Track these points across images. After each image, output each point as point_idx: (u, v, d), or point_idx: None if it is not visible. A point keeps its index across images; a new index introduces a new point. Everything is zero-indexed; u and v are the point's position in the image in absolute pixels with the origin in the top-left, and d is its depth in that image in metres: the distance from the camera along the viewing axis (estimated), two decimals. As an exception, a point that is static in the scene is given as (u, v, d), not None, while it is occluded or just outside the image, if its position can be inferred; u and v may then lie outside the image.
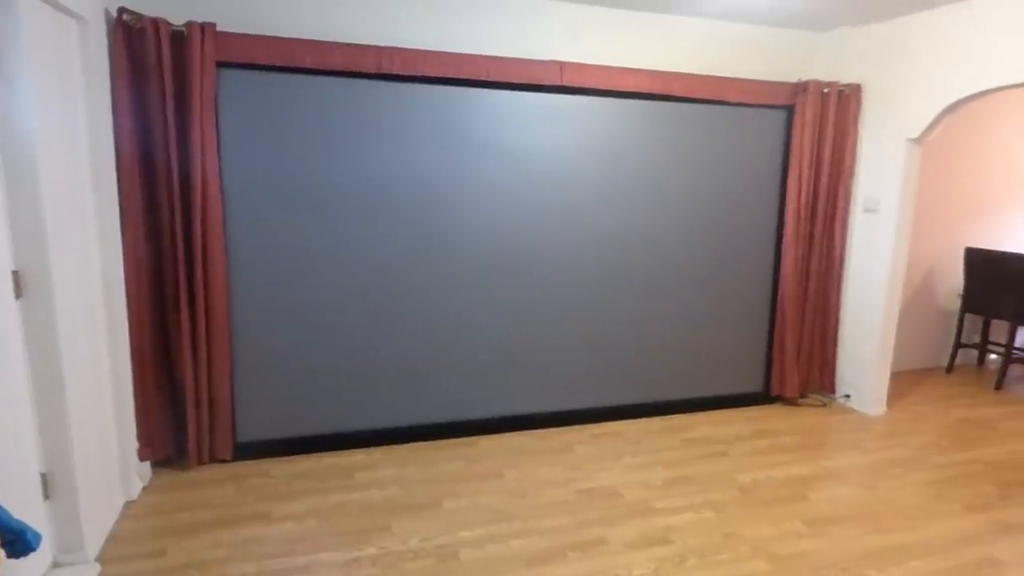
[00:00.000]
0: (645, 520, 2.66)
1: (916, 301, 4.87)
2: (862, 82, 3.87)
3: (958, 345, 4.87)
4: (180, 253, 2.84)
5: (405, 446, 3.34)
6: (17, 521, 1.38)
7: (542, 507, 2.75)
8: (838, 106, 3.87)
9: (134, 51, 2.64)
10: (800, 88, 3.81)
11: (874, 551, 2.48)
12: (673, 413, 3.88)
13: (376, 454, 3.24)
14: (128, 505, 2.71)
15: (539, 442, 3.44)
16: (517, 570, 2.31)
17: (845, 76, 3.90)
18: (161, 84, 2.69)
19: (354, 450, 3.27)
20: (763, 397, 4.13)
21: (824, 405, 4.10)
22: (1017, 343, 4.61)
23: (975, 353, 5.10)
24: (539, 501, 2.80)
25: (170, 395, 3.01)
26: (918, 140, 3.66)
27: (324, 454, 3.22)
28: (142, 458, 2.89)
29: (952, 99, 3.40)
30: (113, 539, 2.46)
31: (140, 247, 2.77)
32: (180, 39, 2.71)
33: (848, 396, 4.10)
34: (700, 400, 3.98)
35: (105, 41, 2.55)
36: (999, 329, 4.88)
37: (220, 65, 2.81)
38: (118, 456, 2.68)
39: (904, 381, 4.55)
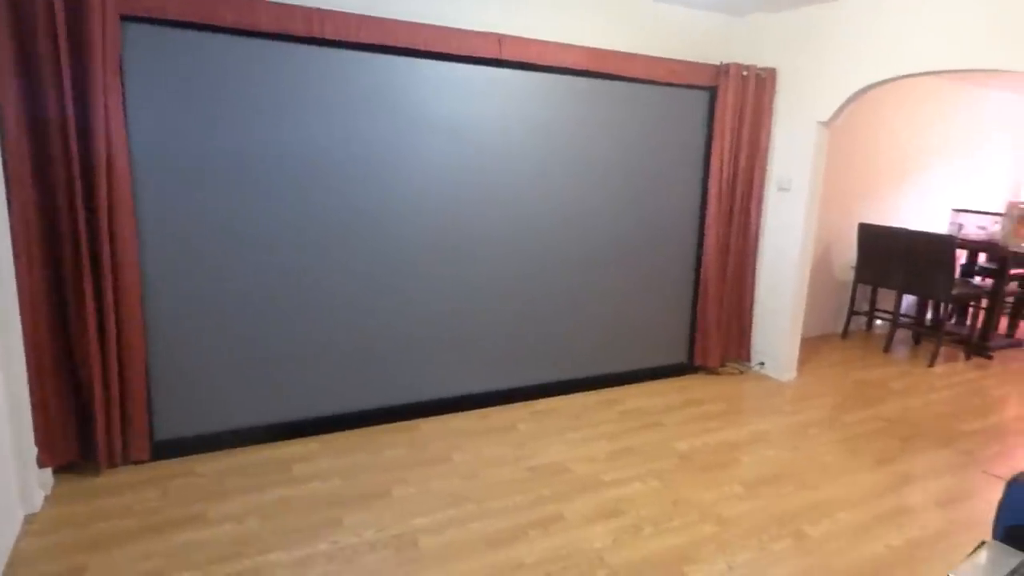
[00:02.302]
0: (596, 493, 2.71)
1: (815, 273, 5.27)
2: (777, 67, 4.08)
3: (851, 313, 5.34)
4: (82, 236, 2.50)
5: (342, 434, 3.20)
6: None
7: (495, 487, 2.73)
8: (756, 89, 4.05)
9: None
10: (723, 70, 3.95)
11: (805, 507, 2.68)
12: (606, 387, 3.98)
13: (312, 444, 3.08)
14: (30, 519, 2.40)
15: (481, 422, 3.41)
16: (480, 553, 2.28)
17: (761, 60, 4.10)
18: (53, 38, 2.32)
19: (288, 441, 3.09)
20: (687, 368, 4.33)
21: (741, 373, 4.37)
22: (902, 310, 5.12)
23: (864, 320, 5.62)
24: (491, 481, 2.78)
25: (73, 393, 2.68)
26: (827, 123, 3.92)
27: (255, 447, 3.02)
28: (42, 464, 2.56)
29: (859, 85, 3.66)
30: (17, 560, 2.17)
31: (32, 230, 2.42)
32: (75, -14, 2.36)
33: (763, 364, 4.39)
34: (631, 373, 4.11)
35: (-19, -16, 2.17)
36: (884, 298, 5.40)
37: (125, 19, 2.48)
38: (14, 465, 2.36)
39: (806, 348, 4.93)
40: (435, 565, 2.21)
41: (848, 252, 5.44)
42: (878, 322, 5.68)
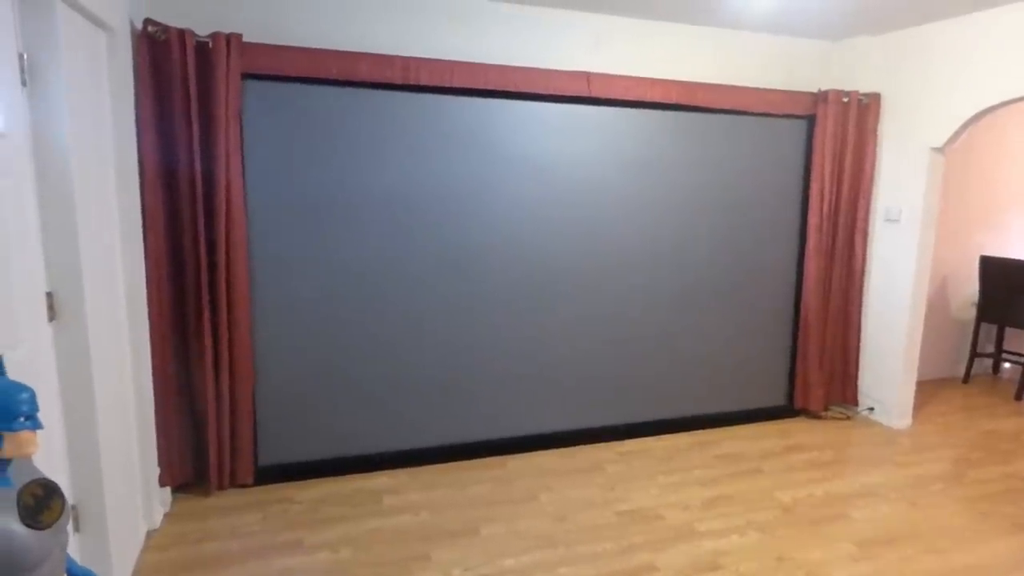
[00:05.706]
0: (691, 544, 2.57)
1: (930, 310, 4.83)
2: (881, 91, 3.86)
3: (974, 354, 4.86)
4: (203, 271, 2.73)
5: (430, 467, 3.24)
6: (82, 568, 1.30)
7: (583, 531, 2.66)
8: (858, 116, 3.85)
9: (159, 63, 2.55)
10: (820, 98, 3.79)
11: (933, 574, 2.41)
12: (698, 428, 3.81)
13: (402, 476, 3.14)
14: (151, 534, 2.59)
15: (567, 461, 3.35)
16: (568, 600, 2.22)
17: (862, 85, 3.88)
18: (186, 96, 2.60)
19: (378, 472, 3.17)
20: (786, 410, 4.08)
21: (848, 418, 4.06)
22: (1035, 352, 4.61)
23: (989, 362, 5.09)
24: (579, 525, 2.71)
25: (190, 418, 2.89)
26: (941, 149, 3.65)
27: (348, 477, 3.11)
28: (163, 484, 2.77)
29: (979, 107, 3.38)
30: (139, 573, 2.34)
31: (162, 265, 2.67)
32: (205, 50, 2.62)
33: (872, 409, 4.06)
34: (725, 415, 3.91)
35: (130, 53, 2.45)
36: (1013, 337, 4.87)
37: (245, 76, 2.72)
38: (141, 483, 2.56)
39: (922, 392, 4.48)
40: (523, 609, 2.18)
41: (967, 287, 4.98)
42: (1006, 365, 5.13)
